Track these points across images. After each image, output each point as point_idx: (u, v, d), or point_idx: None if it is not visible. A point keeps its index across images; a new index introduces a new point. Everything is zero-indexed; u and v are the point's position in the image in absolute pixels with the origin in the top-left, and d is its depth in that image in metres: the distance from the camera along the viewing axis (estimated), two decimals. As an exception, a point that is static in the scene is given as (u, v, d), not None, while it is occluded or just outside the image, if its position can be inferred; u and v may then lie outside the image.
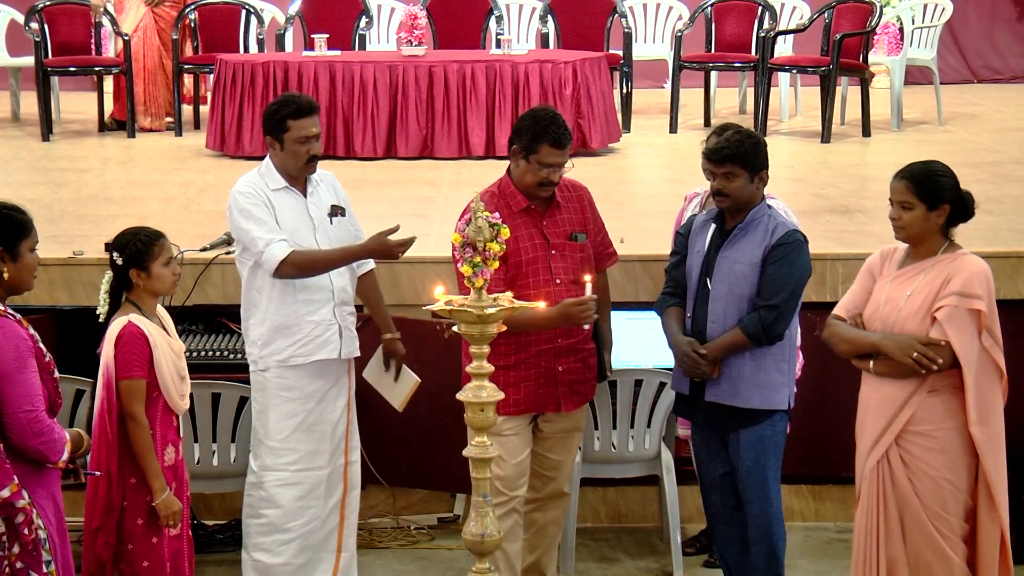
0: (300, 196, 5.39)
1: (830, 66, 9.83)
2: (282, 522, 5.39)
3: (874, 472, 4.71)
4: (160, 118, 10.59)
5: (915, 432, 4.64)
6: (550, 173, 5.24)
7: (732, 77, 11.53)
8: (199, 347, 6.29)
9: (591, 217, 5.45)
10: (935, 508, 4.64)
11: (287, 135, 5.30)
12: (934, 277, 4.62)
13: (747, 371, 5.05)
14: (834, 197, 8.12)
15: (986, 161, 9.17)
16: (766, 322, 4.98)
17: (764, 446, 5.11)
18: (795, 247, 5.04)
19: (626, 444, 6.11)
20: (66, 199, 8.14)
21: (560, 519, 5.60)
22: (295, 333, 5.34)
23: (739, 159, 5.01)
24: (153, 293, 4.94)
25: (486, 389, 4.43)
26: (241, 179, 5.43)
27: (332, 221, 5.43)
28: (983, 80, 13.62)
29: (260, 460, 5.43)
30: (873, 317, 4.73)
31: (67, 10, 10.37)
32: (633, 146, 10.01)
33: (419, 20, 9.75)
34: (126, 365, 4.80)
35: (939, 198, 4.64)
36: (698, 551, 6.28)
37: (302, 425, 5.39)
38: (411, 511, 6.68)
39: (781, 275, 5.01)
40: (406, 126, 9.28)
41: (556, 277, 5.27)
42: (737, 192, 5.04)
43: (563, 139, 5.25)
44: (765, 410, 5.08)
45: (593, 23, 10.60)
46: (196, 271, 6.43)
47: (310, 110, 5.34)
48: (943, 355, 4.54)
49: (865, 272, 4.87)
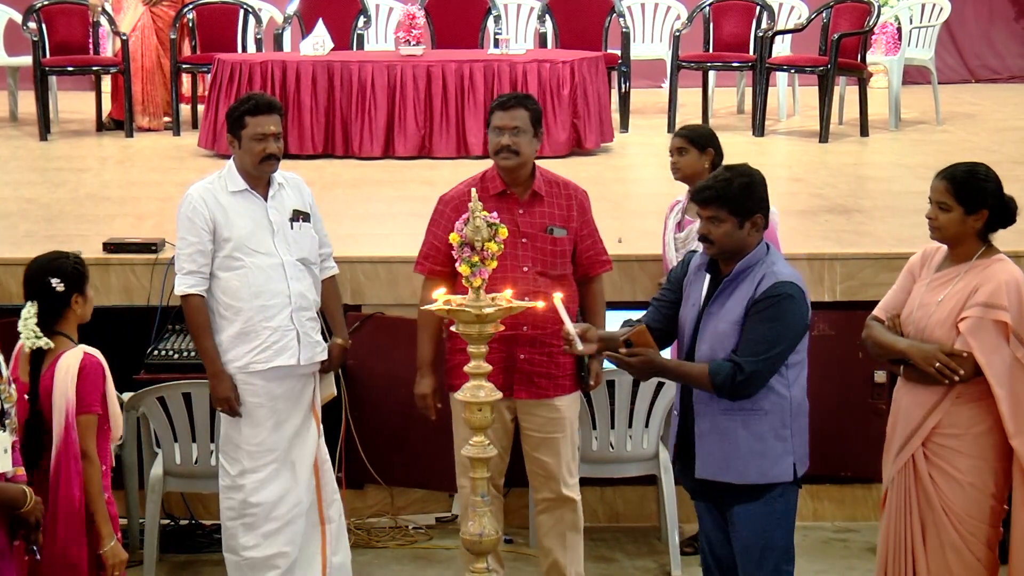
0: (259, 199, 5.34)
1: (828, 66, 9.83)
2: (268, 513, 5.37)
3: (900, 475, 4.69)
4: (158, 118, 10.58)
5: (942, 435, 4.60)
6: (500, 138, 5.25)
7: (730, 77, 11.53)
8: (189, 347, 6.28)
9: (581, 220, 5.40)
10: (959, 511, 4.60)
11: (244, 132, 5.27)
12: (965, 285, 4.55)
13: (741, 441, 4.43)
14: (832, 197, 8.12)
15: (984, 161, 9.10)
16: (736, 379, 4.35)
17: (766, 525, 4.49)
18: (782, 301, 4.36)
19: (624, 444, 6.11)
20: (64, 199, 8.14)
21: (572, 522, 5.49)
22: (253, 339, 5.30)
23: (726, 202, 4.41)
24: (81, 321, 4.63)
25: (484, 389, 4.43)
26: (199, 182, 5.41)
27: (293, 226, 5.37)
28: (981, 80, 13.63)
29: (239, 464, 5.38)
30: (907, 320, 4.68)
31: (65, 10, 10.36)
32: (631, 146, 10.01)
33: (417, 20, 9.75)
34: (87, 400, 4.47)
35: (978, 202, 4.56)
36: (696, 550, 6.27)
37: (275, 426, 5.37)
38: (409, 511, 6.69)
39: (759, 333, 4.35)
40: (404, 126, 9.27)
41: (523, 265, 5.25)
42: (723, 239, 4.43)
43: (508, 103, 5.27)
44: (765, 484, 4.47)
45: (591, 23, 10.60)
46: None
47: (268, 108, 5.30)
48: (965, 366, 4.49)
49: (906, 272, 4.79)
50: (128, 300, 6.51)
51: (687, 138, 5.88)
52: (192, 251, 5.30)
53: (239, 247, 5.29)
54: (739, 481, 4.45)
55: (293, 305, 5.33)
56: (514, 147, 5.25)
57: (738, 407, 4.42)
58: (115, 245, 6.63)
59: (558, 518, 5.47)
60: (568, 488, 5.46)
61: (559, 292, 4.61)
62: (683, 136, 5.90)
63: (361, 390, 6.29)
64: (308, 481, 5.47)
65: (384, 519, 6.63)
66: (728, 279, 4.45)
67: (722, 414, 4.45)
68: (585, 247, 5.42)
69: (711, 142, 5.87)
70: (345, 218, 7.56)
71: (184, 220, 5.33)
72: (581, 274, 5.45)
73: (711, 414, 4.48)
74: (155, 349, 6.22)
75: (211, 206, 5.30)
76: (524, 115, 5.27)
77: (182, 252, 5.34)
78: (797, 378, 4.49)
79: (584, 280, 5.46)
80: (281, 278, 5.31)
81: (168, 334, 6.33)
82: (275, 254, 5.32)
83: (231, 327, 5.32)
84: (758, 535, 4.49)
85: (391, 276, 6.55)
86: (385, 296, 6.55)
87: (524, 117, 5.27)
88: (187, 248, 5.32)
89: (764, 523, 4.48)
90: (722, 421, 4.45)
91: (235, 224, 5.29)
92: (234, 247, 5.29)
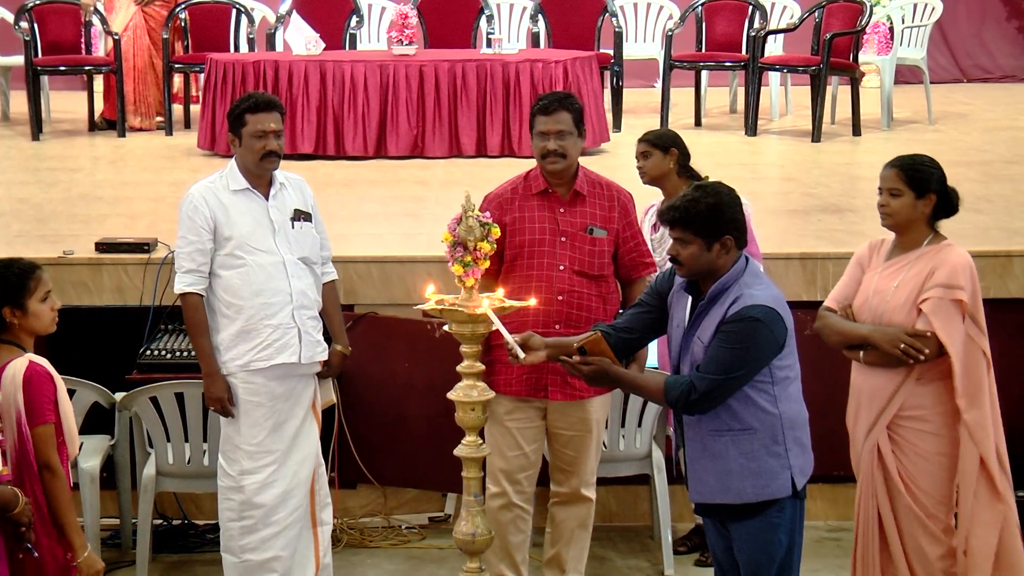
0: (261, 199, 5.35)
1: (820, 65, 9.84)
2: (268, 518, 5.38)
3: (869, 458, 4.84)
4: (150, 117, 10.57)
5: (907, 417, 4.76)
6: (545, 142, 5.25)
7: (723, 76, 11.54)
8: (189, 347, 6.26)
9: (623, 222, 5.38)
10: (926, 488, 4.76)
11: (244, 129, 5.29)
12: (920, 269, 4.74)
13: (733, 463, 4.35)
14: (824, 196, 8.13)
15: (975, 160, 9.19)
16: (689, 398, 4.30)
17: (767, 539, 4.42)
18: (748, 326, 4.24)
19: (617, 443, 6.12)
20: (56, 199, 8.13)
21: (583, 520, 5.50)
22: (255, 337, 5.30)
23: (690, 224, 4.30)
24: (30, 332, 4.39)
25: (477, 388, 4.44)
26: (202, 181, 5.41)
27: (294, 225, 5.38)
28: (973, 79, 13.65)
29: (238, 465, 5.38)
30: (862, 308, 4.84)
31: (57, 9, 10.35)
32: (624, 145, 9.99)
33: (410, 19, 9.75)
34: (39, 410, 4.26)
35: (927, 187, 4.75)
36: (689, 550, 6.28)
37: (274, 426, 5.36)
38: (402, 510, 6.68)
39: (720, 354, 4.26)
40: (397, 125, 9.27)
41: (560, 264, 5.26)
42: (690, 261, 4.33)
43: (550, 106, 5.27)
44: (763, 502, 4.39)
45: (584, 22, 10.61)
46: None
47: (268, 106, 5.33)
48: (929, 346, 4.67)
49: (854, 263, 4.96)
50: (121, 300, 6.51)
51: (649, 142, 5.96)
52: (192, 250, 5.31)
53: (240, 245, 5.29)
54: (736, 501, 4.38)
55: (294, 303, 5.33)
56: (560, 151, 5.25)
57: (726, 427, 4.36)
58: (107, 245, 6.62)
59: (571, 514, 5.49)
60: (587, 488, 5.48)
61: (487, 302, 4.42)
62: (645, 141, 5.98)
63: (354, 390, 6.28)
64: (307, 484, 5.47)
65: (377, 519, 6.63)
66: (703, 303, 4.37)
67: (710, 436, 4.39)
68: (627, 249, 5.40)
69: (674, 143, 5.94)
70: (338, 218, 7.55)
71: (185, 219, 5.33)
72: (623, 276, 5.43)
73: (700, 437, 4.43)
74: (148, 349, 6.21)
75: (212, 205, 5.31)
76: (567, 117, 5.27)
77: (182, 251, 5.35)
78: (786, 393, 4.38)
79: (627, 282, 5.44)
80: (283, 276, 5.32)
81: (161, 334, 6.33)
82: (276, 252, 5.33)
83: (232, 325, 5.32)
84: (760, 550, 4.43)
85: (384, 276, 6.55)
86: (378, 296, 6.55)
87: (568, 120, 5.26)
88: (187, 247, 5.32)
89: (765, 538, 4.42)
90: (711, 443, 4.39)
91: (236, 223, 5.30)
92: (235, 245, 5.29)
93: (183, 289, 5.33)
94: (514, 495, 5.37)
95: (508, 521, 5.38)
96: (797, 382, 4.45)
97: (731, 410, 4.34)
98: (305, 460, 5.45)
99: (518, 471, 5.36)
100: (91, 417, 5.96)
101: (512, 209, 5.27)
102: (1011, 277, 6.62)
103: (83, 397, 5.87)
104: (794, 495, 4.41)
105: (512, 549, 5.40)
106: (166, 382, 5.88)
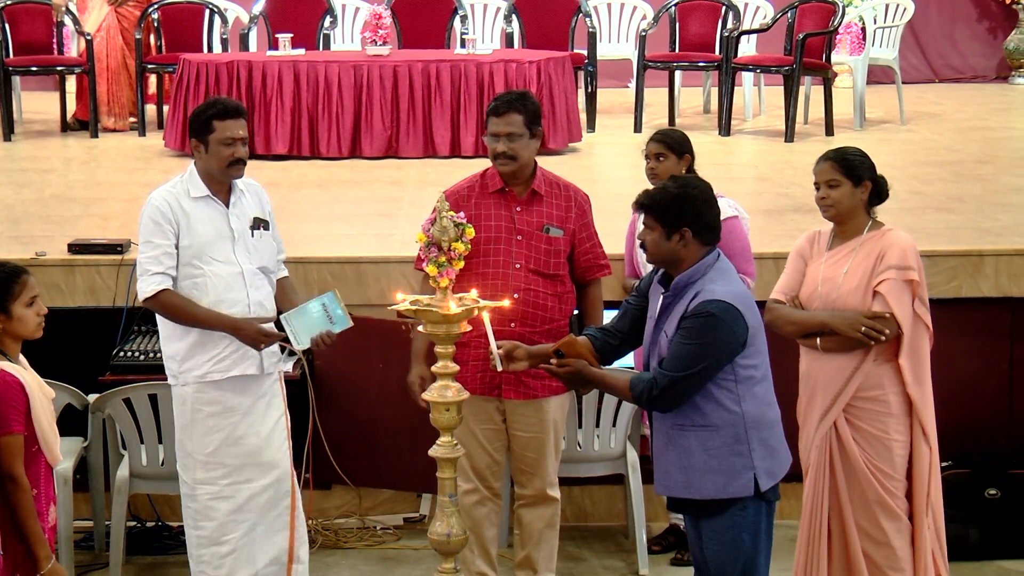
0: (221, 206, 5.23)
1: (793, 66, 9.88)
2: (219, 534, 5.27)
3: (824, 442, 4.94)
4: (124, 118, 10.53)
5: (863, 398, 4.88)
6: (496, 144, 5.28)
7: (696, 76, 11.57)
8: (155, 348, 6.24)
9: (580, 223, 5.41)
10: (884, 468, 4.90)
11: (212, 136, 5.16)
12: (867, 254, 4.88)
13: (695, 459, 4.39)
14: (798, 196, 8.15)
15: (947, 160, 9.23)
16: (651, 393, 4.36)
17: (731, 538, 4.44)
18: (706, 321, 4.29)
19: (591, 443, 6.13)
20: (28, 200, 8.09)
21: (549, 520, 5.52)
22: (212, 348, 5.18)
23: (652, 210, 4.43)
24: (15, 337, 4.34)
25: (452, 388, 4.44)
26: (162, 187, 5.28)
27: (253, 234, 5.27)
28: (944, 79, 13.71)
29: (191, 473, 5.28)
30: (812, 297, 4.95)
31: (28, 9, 10.30)
32: (598, 145, 10.03)
33: (383, 20, 9.74)
34: (4, 420, 4.19)
35: (861, 175, 4.91)
36: (664, 549, 6.29)
37: (228, 440, 5.25)
38: (377, 511, 6.68)
39: (680, 350, 4.32)
40: (371, 126, 9.27)
41: (516, 262, 5.27)
42: (652, 247, 4.44)
43: (501, 108, 5.29)
44: (724, 500, 4.41)
45: (557, 23, 10.62)
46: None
47: (236, 112, 5.20)
48: (889, 326, 4.80)
49: (796, 256, 5.08)
50: (94, 301, 6.49)
51: (666, 144, 5.85)
52: (159, 253, 5.17)
53: (199, 255, 5.18)
54: (697, 497, 4.43)
55: (252, 313, 5.22)
56: (510, 153, 5.28)
57: (689, 423, 4.40)
58: (80, 246, 6.60)
59: (538, 515, 5.51)
60: (551, 488, 5.50)
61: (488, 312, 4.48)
62: (662, 142, 5.87)
63: (328, 390, 6.27)
64: (278, 515, 5.32)
65: (352, 520, 6.62)
66: (669, 295, 4.44)
67: (675, 430, 4.43)
68: (584, 250, 5.42)
69: (689, 148, 5.88)
70: (311, 218, 7.54)
71: (149, 224, 5.18)
72: (579, 276, 5.45)
73: (665, 431, 4.47)
74: (121, 350, 6.20)
75: (175, 211, 5.19)
76: (518, 119, 5.28)
77: (147, 255, 5.17)
78: (751, 392, 4.39)
79: (582, 283, 5.46)
80: (241, 286, 5.22)
81: (134, 335, 6.31)
82: (235, 263, 5.22)
83: (189, 336, 5.20)
84: (724, 549, 4.44)
85: (358, 276, 6.55)
86: (352, 296, 6.53)
87: (518, 121, 5.28)
88: (153, 251, 5.18)
89: (728, 537, 4.44)
90: (676, 438, 4.43)
91: (196, 231, 5.18)
92: (193, 255, 5.18)
93: (154, 289, 5.14)
94: (485, 489, 5.41)
95: (483, 516, 5.40)
96: (765, 383, 4.46)
97: (695, 405, 4.38)
98: (268, 488, 5.30)
99: (485, 468, 5.39)
100: (64, 419, 5.91)
101: (469, 207, 5.29)
102: (983, 276, 6.65)
103: (56, 399, 5.81)
104: (758, 496, 4.41)
105: (488, 544, 5.43)
106: (139, 383, 5.86)
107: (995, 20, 13.77)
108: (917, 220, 7.25)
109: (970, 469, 6.36)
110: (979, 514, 6.30)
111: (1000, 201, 7.96)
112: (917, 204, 7.77)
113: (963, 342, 6.53)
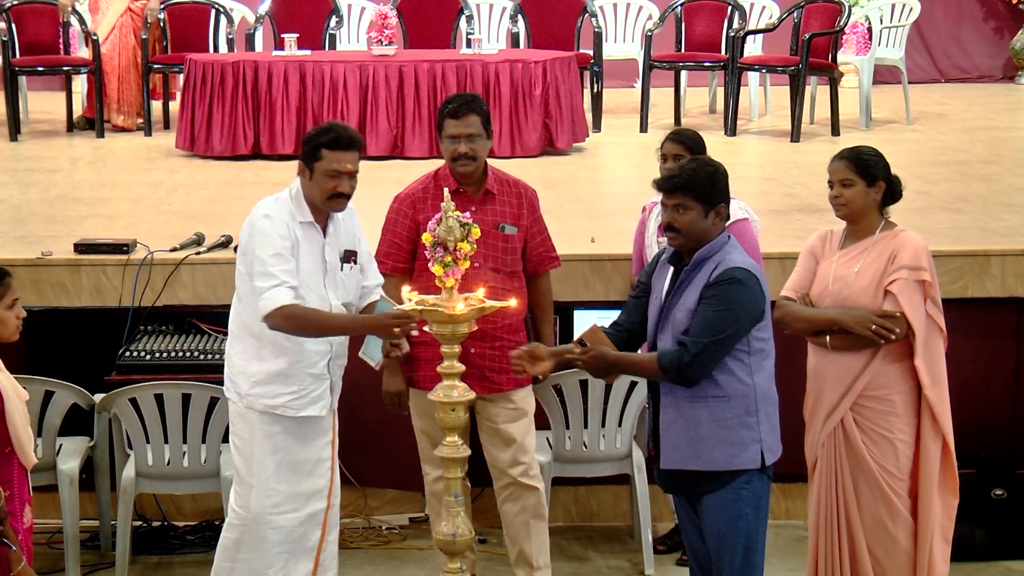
0: (319, 235, 5.01)
1: (799, 65, 9.87)
2: (259, 567, 5.09)
3: (830, 439, 4.96)
4: (132, 116, 10.54)
5: (870, 397, 4.89)
6: (456, 145, 5.35)
7: (702, 76, 11.56)
8: (169, 348, 6.27)
9: (531, 218, 5.54)
10: (889, 468, 4.91)
11: (318, 164, 4.91)
12: (879, 254, 4.90)
13: (705, 429, 4.47)
14: (804, 196, 8.15)
15: (953, 160, 9.22)
16: (681, 362, 4.42)
17: (734, 512, 4.51)
18: (732, 288, 4.43)
19: (597, 443, 6.13)
20: (34, 199, 8.10)
21: (535, 510, 5.54)
22: (291, 384, 5.00)
23: (692, 190, 4.49)
24: None
25: (457, 388, 4.45)
26: (271, 202, 5.01)
27: (343, 267, 5.07)
28: (950, 79, 13.71)
29: (243, 500, 5.07)
30: (823, 295, 4.97)
31: (35, 9, 10.31)
32: (604, 145, 10.03)
33: (389, 19, 9.75)
34: None
35: (875, 175, 4.93)
36: (669, 549, 6.30)
37: (285, 461, 5.06)
38: (382, 511, 6.69)
39: (707, 316, 4.42)
40: (376, 126, 9.27)
41: (475, 261, 5.26)
42: (689, 227, 4.50)
43: (459, 110, 5.36)
44: (731, 471, 4.50)
45: (563, 23, 10.62)
46: (166, 272, 6.41)
47: (349, 144, 4.93)
48: (899, 325, 4.82)
49: (807, 254, 5.10)
50: (100, 301, 6.48)
51: (686, 146, 5.74)
52: (289, 267, 4.87)
53: (300, 283, 4.94)
54: (705, 468, 4.50)
55: (333, 353, 5.08)
56: (471, 153, 5.38)
57: (702, 393, 4.49)
58: (86, 246, 6.60)
59: (521, 507, 5.53)
60: (529, 477, 5.53)
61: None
62: (680, 142, 5.78)
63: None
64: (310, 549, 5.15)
65: (358, 519, 6.63)
66: (687, 268, 4.54)
67: (686, 401, 4.51)
68: (535, 244, 5.57)
69: (703, 147, 5.81)
70: (317, 218, 7.54)
71: (270, 232, 4.90)
72: (531, 270, 5.60)
73: (675, 403, 4.54)
74: (127, 350, 6.20)
75: (292, 231, 4.96)
76: (476, 120, 5.38)
77: (273, 268, 4.85)
78: (761, 366, 4.54)
79: (533, 276, 5.61)
80: None
81: (140, 335, 6.32)
82: (325, 297, 5.00)
83: (273, 364, 4.99)
84: (726, 523, 4.52)
85: (364, 276, 6.54)
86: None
87: (477, 122, 5.38)
88: (281, 264, 4.86)
89: (732, 511, 4.52)
90: (687, 409, 4.51)
91: (300, 258, 4.95)
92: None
93: (283, 301, 4.81)
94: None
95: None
96: (772, 359, 4.60)
97: (709, 376, 4.48)
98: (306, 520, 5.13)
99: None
100: (70, 419, 5.94)
101: (425, 208, 5.36)
102: (988, 276, 6.64)
103: (62, 399, 5.86)
104: (762, 470, 4.53)
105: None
106: (145, 383, 5.86)
107: (1001, 20, 13.76)
108: (923, 220, 7.24)
109: (976, 469, 6.35)
110: (985, 514, 6.29)
111: (1006, 201, 7.95)
112: (923, 204, 7.76)
113: (969, 342, 6.52)
